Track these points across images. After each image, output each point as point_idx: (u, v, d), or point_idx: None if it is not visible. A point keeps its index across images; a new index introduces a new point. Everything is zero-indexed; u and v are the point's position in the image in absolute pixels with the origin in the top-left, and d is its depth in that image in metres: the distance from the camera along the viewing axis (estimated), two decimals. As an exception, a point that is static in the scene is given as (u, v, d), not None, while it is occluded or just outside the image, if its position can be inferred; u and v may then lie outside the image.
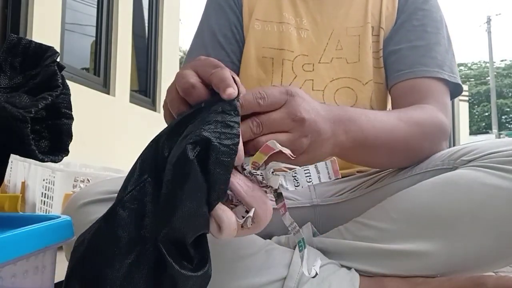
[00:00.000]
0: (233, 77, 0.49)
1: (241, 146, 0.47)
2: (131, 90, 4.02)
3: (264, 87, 0.53)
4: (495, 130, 20.46)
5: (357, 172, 0.90)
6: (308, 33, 0.91)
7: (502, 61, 33.83)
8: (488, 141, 0.75)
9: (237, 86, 0.49)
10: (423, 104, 0.80)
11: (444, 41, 0.87)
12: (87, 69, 3.67)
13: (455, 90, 0.88)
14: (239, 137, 0.46)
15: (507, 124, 28.46)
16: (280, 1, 0.93)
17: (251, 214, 0.46)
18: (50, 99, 0.49)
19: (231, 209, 0.47)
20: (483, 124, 28.37)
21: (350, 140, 0.61)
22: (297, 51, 0.90)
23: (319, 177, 0.49)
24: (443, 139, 0.79)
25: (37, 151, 0.49)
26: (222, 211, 0.46)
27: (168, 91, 0.55)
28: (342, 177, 0.88)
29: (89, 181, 1.70)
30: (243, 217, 0.47)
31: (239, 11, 0.93)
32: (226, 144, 0.45)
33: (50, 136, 0.52)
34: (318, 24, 0.91)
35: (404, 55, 0.85)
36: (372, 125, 0.65)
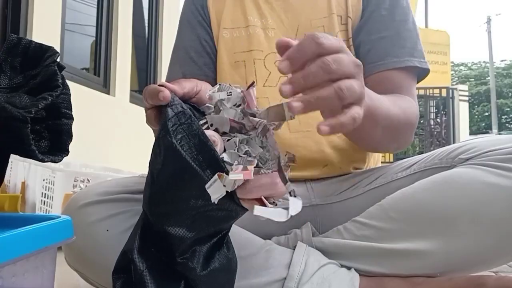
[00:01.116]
0: (161, 85, 0.54)
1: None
2: (131, 90, 4.02)
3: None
4: (495, 130, 20.45)
5: (353, 169, 0.90)
6: (275, 32, 0.92)
7: (502, 61, 33.82)
8: (486, 138, 0.75)
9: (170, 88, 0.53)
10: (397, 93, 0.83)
11: (412, 25, 0.89)
12: (87, 69, 3.67)
13: (422, 72, 0.90)
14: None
15: (507, 124, 28.43)
16: (244, 6, 0.95)
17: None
18: (50, 99, 0.49)
19: None
20: (483, 124, 28.35)
21: (366, 101, 0.59)
22: (266, 50, 0.91)
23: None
24: (415, 125, 0.84)
25: (37, 151, 0.49)
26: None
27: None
28: (339, 176, 0.88)
29: (89, 181, 1.70)
30: None
31: (208, 24, 0.97)
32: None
33: (50, 136, 0.52)
34: (284, 21, 0.93)
35: (375, 47, 0.87)
36: (378, 99, 0.68)
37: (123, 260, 0.57)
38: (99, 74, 3.59)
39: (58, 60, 0.53)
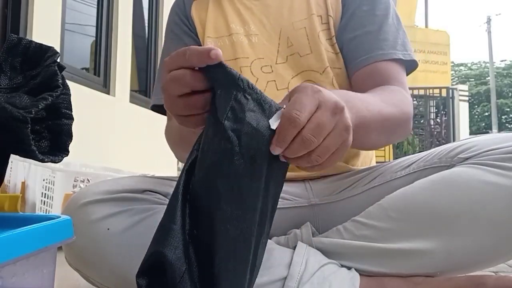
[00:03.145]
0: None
1: None
2: (131, 90, 4.02)
3: (292, 101, 0.51)
4: (495, 130, 20.45)
5: (349, 165, 0.90)
6: (259, 37, 0.92)
7: (502, 61, 33.88)
8: (485, 137, 0.75)
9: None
10: (387, 85, 0.84)
11: (393, 20, 0.90)
12: (87, 69, 3.67)
13: (410, 65, 0.91)
14: None
15: (507, 124, 28.41)
16: (225, 14, 0.95)
17: None
18: (50, 100, 0.49)
19: None
20: (483, 124, 28.33)
21: (352, 118, 0.61)
22: (251, 56, 0.91)
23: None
24: (411, 115, 0.84)
25: (37, 151, 0.49)
26: None
27: (168, 107, 0.55)
28: (337, 175, 0.88)
29: (89, 181, 1.70)
30: None
31: (194, 33, 0.97)
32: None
33: (50, 136, 0.52)
34: (266, 26, 0.93)
35: (360, 42, 0.88)
36: (366, 107, 0.68)
37: (150, 261, 0.50)
38: (99, 74, 3.59)
39: (58, 60, 0.53)
